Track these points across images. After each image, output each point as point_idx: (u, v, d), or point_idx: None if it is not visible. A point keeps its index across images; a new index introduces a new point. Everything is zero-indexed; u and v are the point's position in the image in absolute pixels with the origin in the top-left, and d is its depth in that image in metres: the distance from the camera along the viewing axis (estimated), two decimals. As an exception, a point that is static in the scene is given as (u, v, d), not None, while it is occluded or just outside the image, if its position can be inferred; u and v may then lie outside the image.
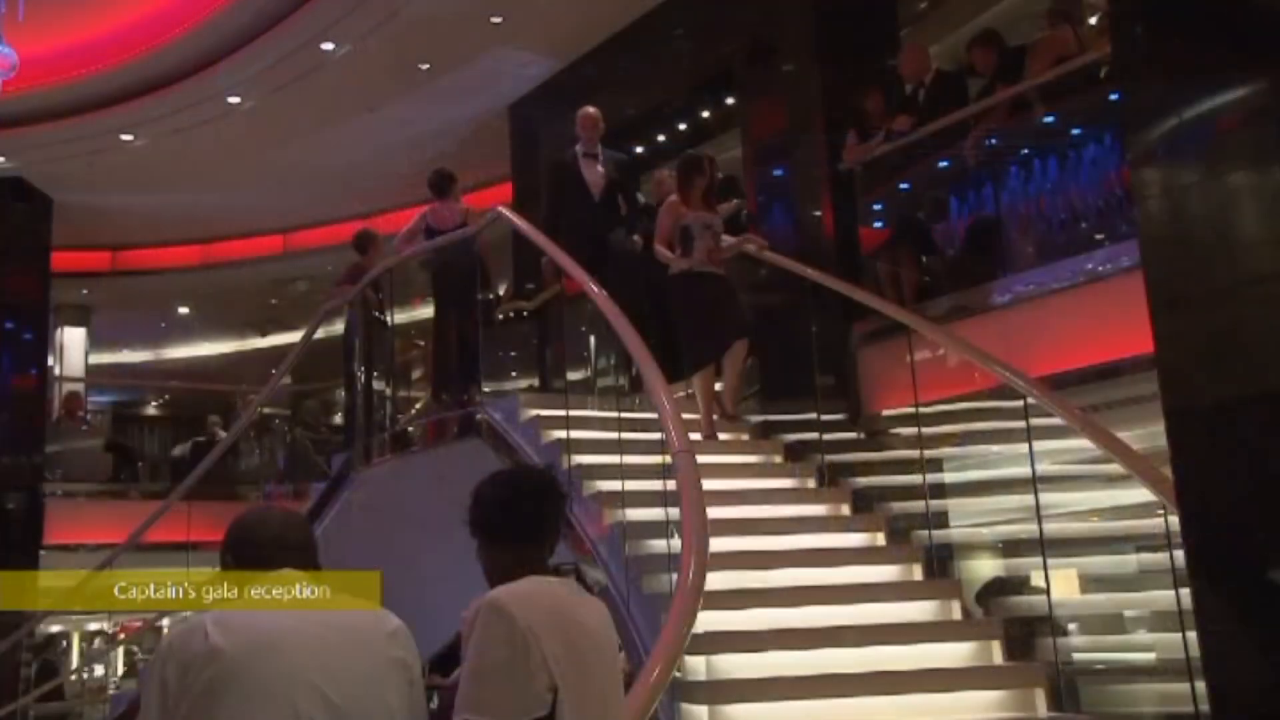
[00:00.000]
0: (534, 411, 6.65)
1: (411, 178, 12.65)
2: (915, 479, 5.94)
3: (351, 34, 9.95)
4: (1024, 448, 5.13)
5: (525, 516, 2.48)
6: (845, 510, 6.00)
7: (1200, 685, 3.13)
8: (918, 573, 5.53)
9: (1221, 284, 2.40)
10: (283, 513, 2.44)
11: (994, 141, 6.57)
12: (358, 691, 2.05)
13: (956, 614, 5.24)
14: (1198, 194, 2.44)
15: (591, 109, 7.87)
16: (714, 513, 4.40)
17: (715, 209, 6.87)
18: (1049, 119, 6.48)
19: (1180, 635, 4.10)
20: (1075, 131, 6.23)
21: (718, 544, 4.33)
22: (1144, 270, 2.54)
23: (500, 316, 8.89)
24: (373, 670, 2.11)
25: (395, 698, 2.12)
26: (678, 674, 4.27)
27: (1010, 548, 5.90)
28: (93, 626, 14.60)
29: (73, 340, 15.80)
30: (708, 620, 4.50)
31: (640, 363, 5.22)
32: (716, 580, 4.50)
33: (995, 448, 6.26)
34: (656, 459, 5.06)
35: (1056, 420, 4.83)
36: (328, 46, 10.13)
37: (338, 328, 9.43)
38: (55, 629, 14.55)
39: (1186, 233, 2.49)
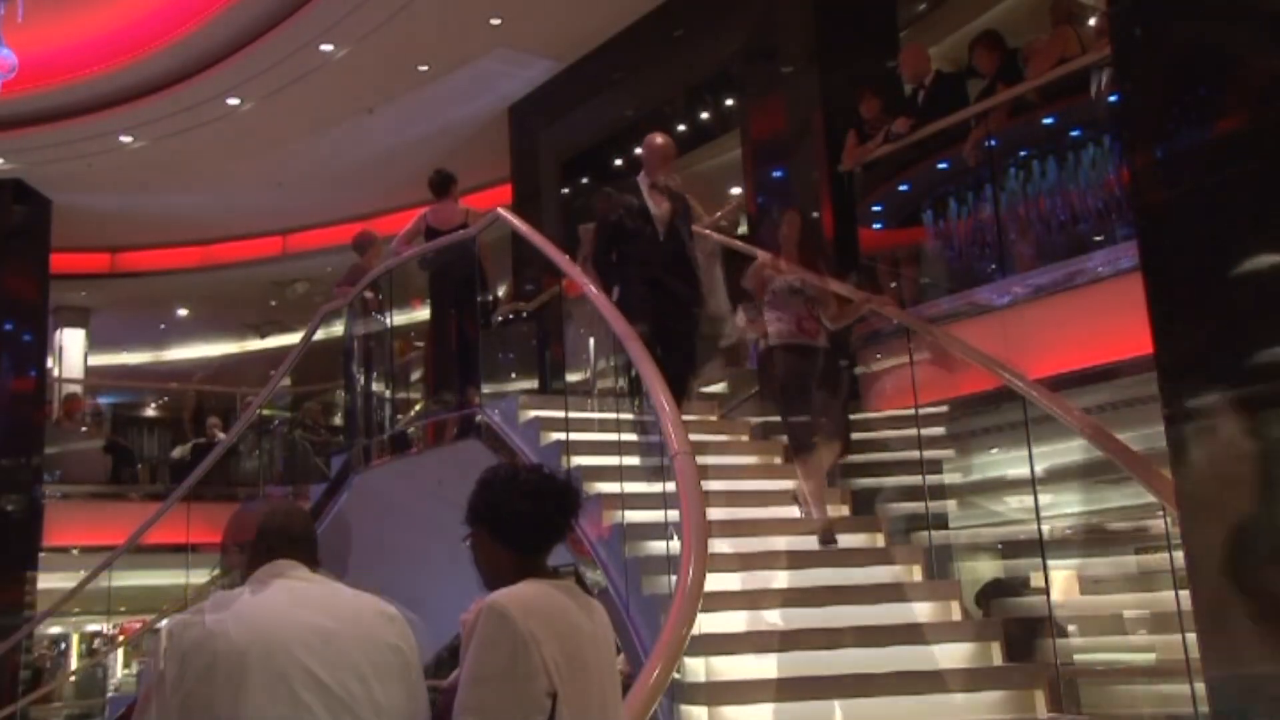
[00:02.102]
0: (533, 413, 6.65)
1: (411, 179, 12.66)
2: (915, 480, 5.94)
3: (351, 36, 9.95)
4: (1024, 449, 5.13)
5: (547, 531, 2.44)
6: (845, 511, 6.00)
7: (1200, 686, 3.13)
8: (918, 574, 5.53)
9: (1222, 281, 2.40)
10: (288, 505, 2.45)
11: (994, 143, 6.57)
12: (354, 678, 2.06)
13: (956, 615, 5.23)
14: (1196, 188, 2.44)
15: (660, 137, 6.64)
16: (713, 514, 4.40)
17: (819, 267, 5.80)
18: (1049, 120, 6.48)
19: (1180, 636, 4.09)
20: (1075, 133, 6.23)
21: (717, 545, 4.33)
22: (1143, 272, 2.54)
23: (499, 318, 8.89)
24: (370, 657, 2.11)
25: (392, 684, 2.12)
26: (677, 675, 4.26)
27: (1010, 549, 5.90)
28: (92, 628, 14.60)
29: (72, 342, 15.79)
30: (707, 622, 4.50)
31: (639, 365, 5.21)
32: (716, 582, 4.50)
33: (995, 449, 6.26)
34: (656, 460, 5.05)
35: (1056, 421, 4.83)
36: (327, 48, 10.13)
37: (337, 329, 9.42)
38: (55, 630, 14.55)
39: (1186, 229, 2.49)
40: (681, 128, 10.70)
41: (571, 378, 7.66)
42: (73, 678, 13.64)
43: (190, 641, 1.99)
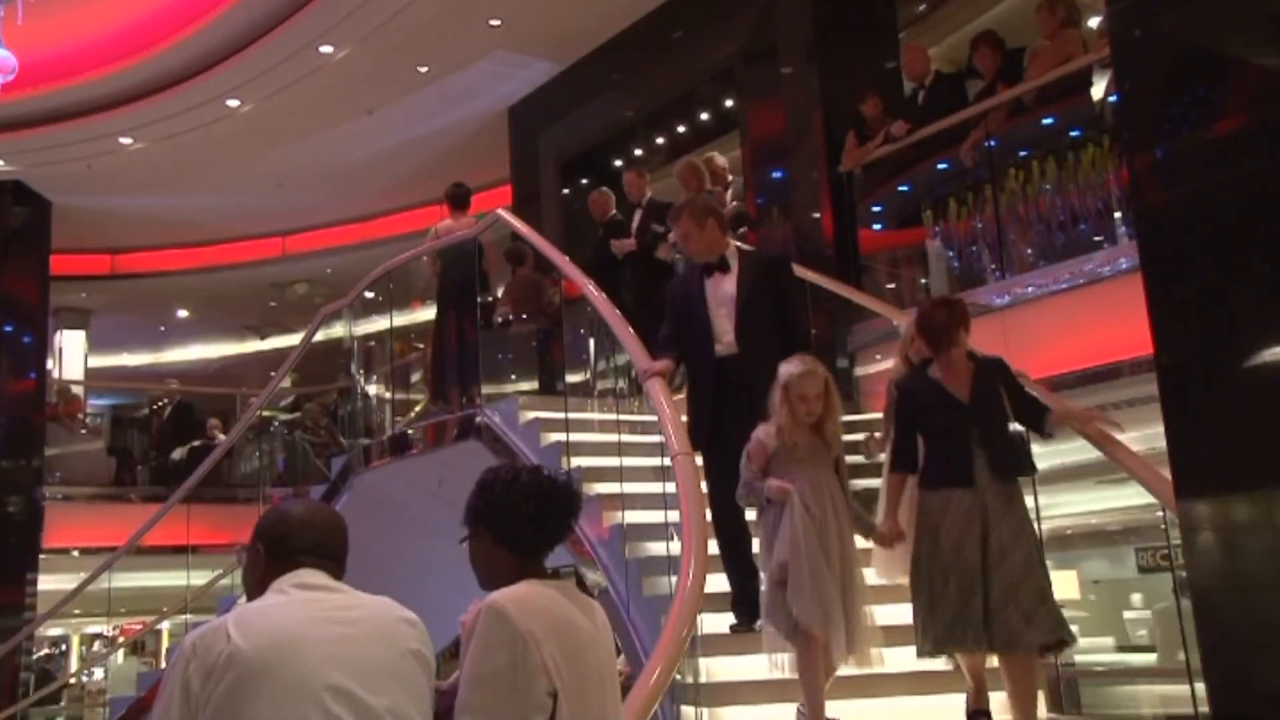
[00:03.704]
0: (533, 414, 6.65)
1: (410, 180, 12.70)
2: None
3: (350, 37, 9.95)
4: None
5: (549, 533, 2.44)
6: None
7: (1200, 687, 3.13)
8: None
9: (1222, 281, 2.40)
10: (317, 508, 2.41)
11: (994, 143, 6.57)
12: (380, 685, 2.05)
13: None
14: (1196, 188, 2.44)
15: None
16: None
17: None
18: (1049, 120, 6.49)
19: (1180, 637, 4.09)
20: (1075, 133, 6.23)
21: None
22: (1143, 272, 2.54)
23: (499, 319, 8.90)
24: (397, 663, 2.10)
25: (420, 689, 2.12)
26: (678, 676, 4.26)
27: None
28: (92, 629, 14.61)
29: (72, 343, 15.79)
30: (707, 623, 4.50)
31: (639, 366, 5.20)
32: (716, 582, 4.49)
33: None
34: (656, 461, 5.05)
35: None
36: (326, 49, 10.13)
37: (338, 330, 9.42)
38: (55, 632, 14.56)
39: (1186, 229, 2.49)
40: (681, 129, 10.70)
41: (571, 378, 7.66)
42: (91, 676, 13.63)
43: (216, 655, 1.96)
